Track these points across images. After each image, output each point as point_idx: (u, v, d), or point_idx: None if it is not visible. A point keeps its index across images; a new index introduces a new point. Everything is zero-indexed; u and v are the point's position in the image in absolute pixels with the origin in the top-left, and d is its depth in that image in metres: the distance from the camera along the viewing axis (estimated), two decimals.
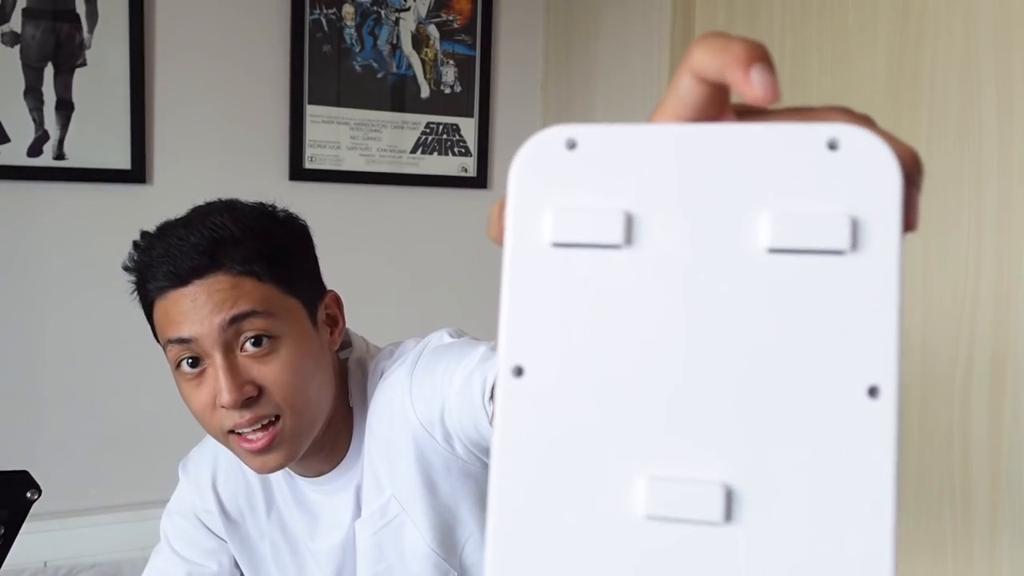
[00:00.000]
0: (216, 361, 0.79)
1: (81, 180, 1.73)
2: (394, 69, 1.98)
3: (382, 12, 1.96)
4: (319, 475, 0.92)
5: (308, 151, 1.91)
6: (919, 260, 1.20)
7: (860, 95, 1.30)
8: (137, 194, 1.79)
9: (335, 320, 0.90)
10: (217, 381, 0.79)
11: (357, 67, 1.94)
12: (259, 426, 0.80)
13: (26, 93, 1.68)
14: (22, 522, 0.79)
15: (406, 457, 0.86)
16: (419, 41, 2.00)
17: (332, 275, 0.95)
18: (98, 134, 1.74)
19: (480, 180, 2.08)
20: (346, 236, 1.95)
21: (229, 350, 0.79)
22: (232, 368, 0.79)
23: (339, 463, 0.92)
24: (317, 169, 1.92)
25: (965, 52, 1.13)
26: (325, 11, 1.90)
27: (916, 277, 1.21)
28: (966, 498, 1.14)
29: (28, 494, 0.79)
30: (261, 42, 1.87)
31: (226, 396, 0.78)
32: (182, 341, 0.80)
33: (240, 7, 1.85)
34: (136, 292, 0.88)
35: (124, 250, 1.79)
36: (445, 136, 2.04)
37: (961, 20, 1.14)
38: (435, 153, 2.04)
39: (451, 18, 2.02)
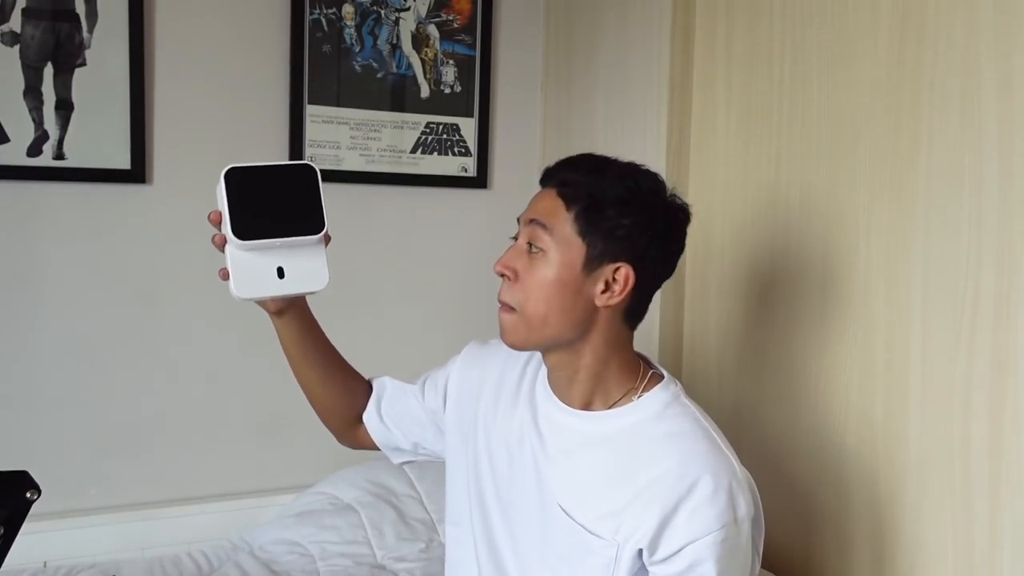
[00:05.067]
0: (517, 243, 1.03)
1: (81, 180, 1.73)
2: (394, 69, 1.98)
3: (382, 12, 1.96)
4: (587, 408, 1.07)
5: (308, 151, 1.91)
6: (919, 260, 1.20)
7: (860, 96, 1.29)
8: (137, 194, 1.79)
9: (610, 286, 1.02)
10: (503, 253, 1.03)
11: (357, 67, 1.94)
12: (506, 306, 1.03)
13: (26, 93, 1.68)
14: (22, 522, 0.79)
15: (648, 505, 0.98)
16: (419, 41, 2.00)
17: (332, 275, 0.96)
18: (98, 134, 1.73)
19: (480, 180, 2.08)
20: (346, 236, 1.94)
21: (524, 240, 1.02)
22: (514, 251, 1.03)
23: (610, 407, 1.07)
24: None
25: (965, 53, 1.13)
26: (325, 11, 1.90)
27: (916, 277, 1.21)
28: (966, 498, 1.14)
29: (28, 494, 0.79)
30: (261, 42, 1.87)
31: (497, 265, 1.02)
32: (519, 221, 1.05)
33: (240, 7, 1.85)
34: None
35: (124, 249, 1.80)
36: (445, 136, 2.04)
37: (961, 21, 1.14)
38: (435, 153, 2.03)
39: (451, 18, 2.02)
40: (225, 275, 0.92)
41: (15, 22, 1.66)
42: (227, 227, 0.89)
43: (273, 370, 1.97)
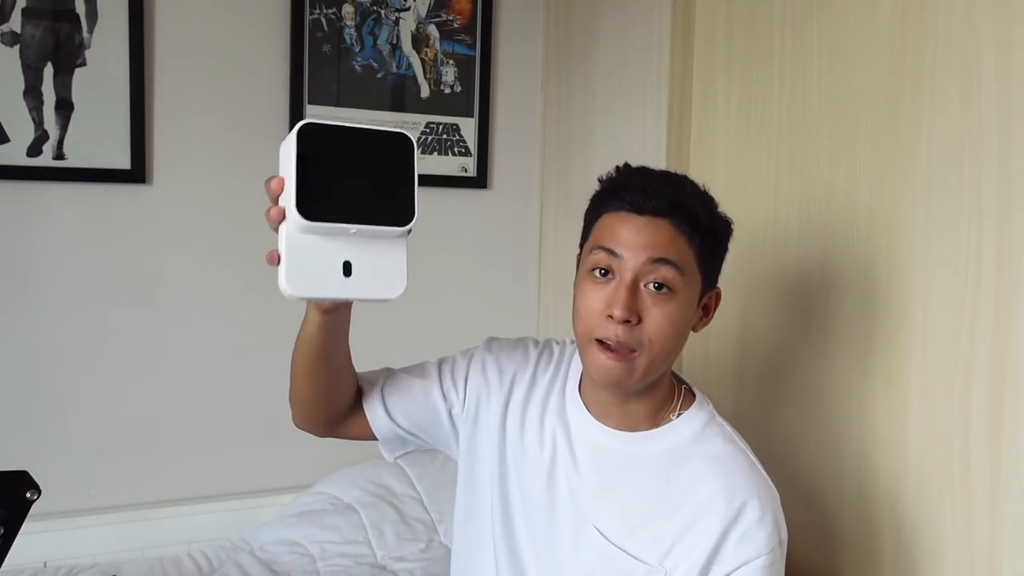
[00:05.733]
0: (625, 281, 0.94)
1: (81, 180, 1.73)
2: (394, 69, 1.98)
3: (382, 12, 1.96)
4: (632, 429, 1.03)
5: None
6: (919, 259, 1.20)
7: (860, 94, 1.29)
8: (137, 194, 1.79)
9: (708, 311, 1.04)
10: (616, 295, 0.94)
11: (357, 67, 1.94)
12: (620, 346, 0.95)
13: (26, 93, 1.68)
14: (22, 522, 0.79)
15: (694, 528, 0.97)
16: (419, 41, 2.00)
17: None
18: (98, 134, 1.73)
19: (480, 180, 2.08)
20: None
21: (637, 279, 0.95)
22: (634, 293, 0.94)
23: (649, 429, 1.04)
24: None
25: (965, 50, 1.13)
26: (325, 11, 1.90)
27: (916, 276, 1.21)
28: (966, 498, 1.14)
29: (27, 494, 0.79)
30: (261, 42, 1.87)
31: (619, 310, 0.93)
32: (611, 252, 0.95)
33: (240, 7, 1.85)
34: (594, 200, 1.03)
35: (124, 249, 1.80)
36: (445, 136, 2.04)
37: (961, 18, 1.14)
38: (435, 153, 2.04)
39: (451, 18, 2.02)
40: (275, 259, 0.72)
41: (15, 22, 1.66)
42: (290, 199, 0.68)
43: (273, 369, 1.98)
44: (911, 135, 1.21)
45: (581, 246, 1.04)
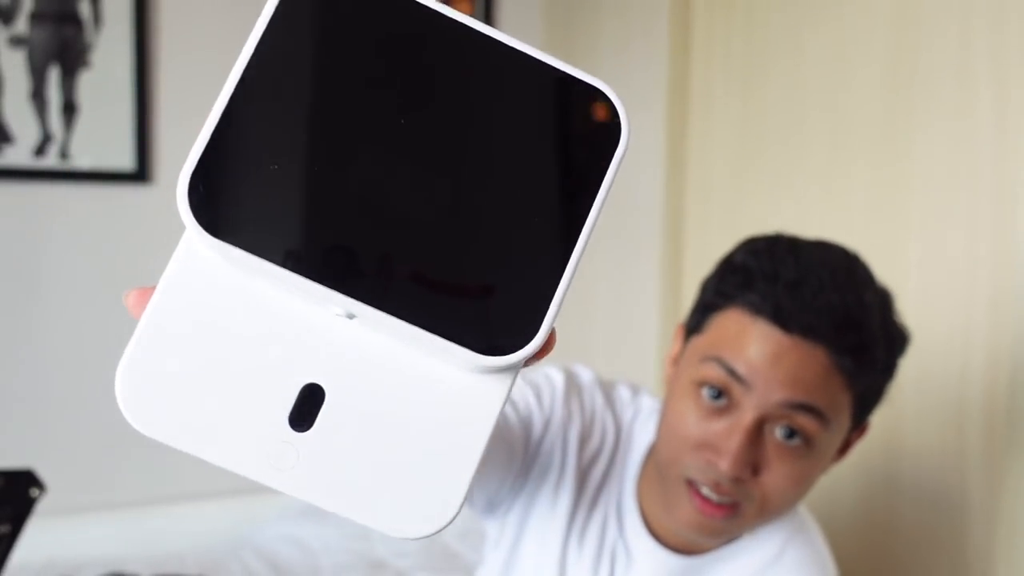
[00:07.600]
0: (743, 422, 0.67)
1: (86, 181, 1.75)
2: None
3: None
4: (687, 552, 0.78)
5: None
6: (915, 261, 1.21)
7: (857, 96, 1.30)
8: (141, 195, 1.80)
9: (846, 449, 0.76)
10: (729, 439, 0.67)
11: None
12: (719, 497, 0.69)
13: (31, 95, 1.70)
14: (26, 519, 0.81)
15: None
16: None
17: None
18: (102, 135, 1.75)
19: None
20: None
21: (764, 421, 0.68)
22: (752, 441, 0.67)
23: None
24: None
25: (960, 55, 1.14)
26: None
27: (911, 278, 1.21)
28: (963, 499, 1.14)
29: (33, 492, 0.81)
30: None
31: (728, 464, 0.66)
32: (733, 374, 0.68)
33: (243, 9, 1.86)
34: (720, 278, 0.73)
35: (128, 250, 1.82)
36: None
37: (957, 23, 1.14)
38: None
39: None
40: (136, 301, 0.31)
41: (21, 25, 1.68)
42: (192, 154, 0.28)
43: None
44: (906, 137, 1.21)
45: (691, 325, 0.76)
